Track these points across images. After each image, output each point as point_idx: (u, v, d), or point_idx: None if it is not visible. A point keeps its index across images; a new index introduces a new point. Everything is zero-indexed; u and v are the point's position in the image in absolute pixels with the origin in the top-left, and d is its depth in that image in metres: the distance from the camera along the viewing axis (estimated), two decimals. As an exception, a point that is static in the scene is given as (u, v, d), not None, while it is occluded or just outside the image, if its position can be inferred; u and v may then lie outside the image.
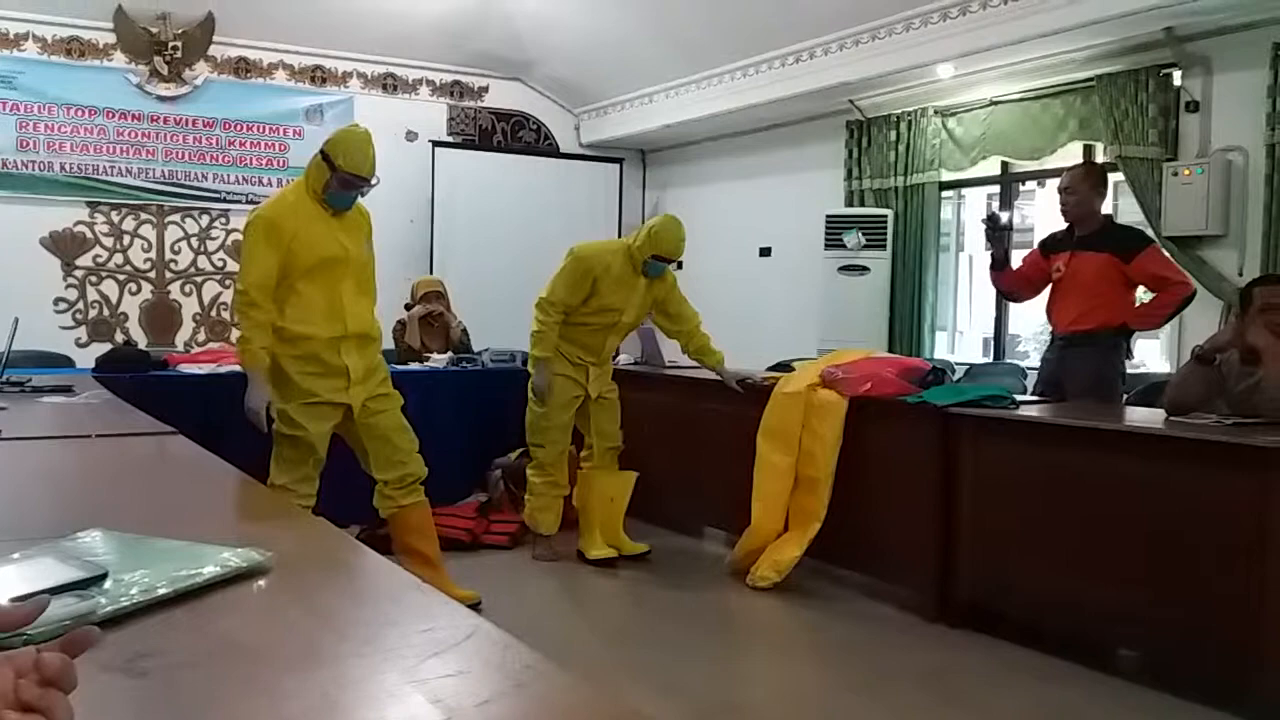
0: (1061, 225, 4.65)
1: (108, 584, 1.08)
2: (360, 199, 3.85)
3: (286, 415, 3.70)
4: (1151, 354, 6.17)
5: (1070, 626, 3.70)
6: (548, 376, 4.70)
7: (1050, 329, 4.67)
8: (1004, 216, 5.08)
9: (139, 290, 7.77)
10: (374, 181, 3.76)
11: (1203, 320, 5.09)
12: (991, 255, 4.76)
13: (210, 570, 1.17)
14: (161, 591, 1.09)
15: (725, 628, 4.15)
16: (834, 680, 3.57)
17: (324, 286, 3.71)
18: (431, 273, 7.51)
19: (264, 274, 3.61)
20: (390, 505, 3.90)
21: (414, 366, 5.63)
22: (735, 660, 3.79)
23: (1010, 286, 4.88)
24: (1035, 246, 4.80)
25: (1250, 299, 3.60)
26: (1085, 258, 4.41)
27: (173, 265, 7.85)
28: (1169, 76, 5.47)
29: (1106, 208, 4.76)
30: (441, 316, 6.04)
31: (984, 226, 4.76)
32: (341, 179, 3.67)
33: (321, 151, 3.70)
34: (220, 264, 7.96)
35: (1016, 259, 4.94)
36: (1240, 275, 5.08)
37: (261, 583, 1.19)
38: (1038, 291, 4.69)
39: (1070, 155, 6.01)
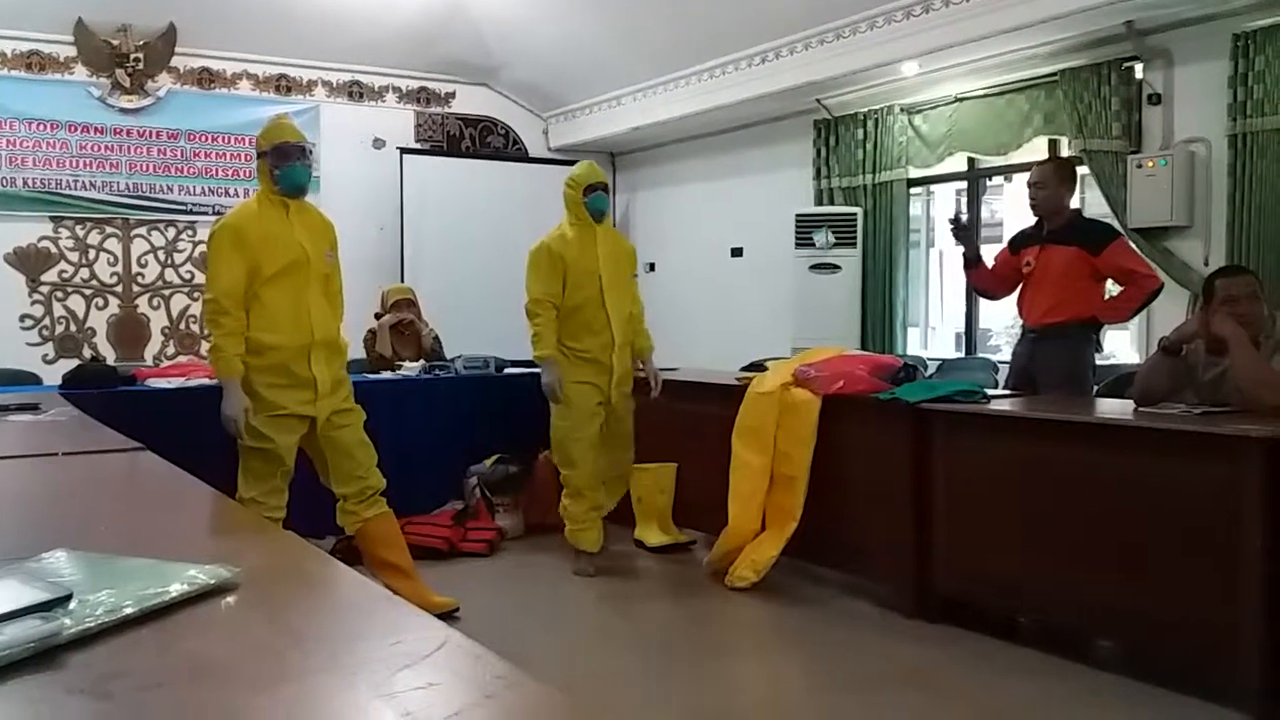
0: (1029, 220, 4.69)
1: (73, 605, 1.06)
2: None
3: (253, 428, 3.69)
4: (1121, 345, 6.23)
5: (1047, 619, 3.73)
6: (556, 374, 4.63)
7: (1021, 322, 4.71)
8: (965, 216, 5.13)
9: (106, 305, 7.69)
10: (309, 148, 3.89)
11: (1171, 311, 5.15)
12: (963, 255, 4.80)
13: (177, 588, 1.15)
14: (128, 611, 1.08)
15: (704, 629, 4.15)
16: (815, 679, 3.58)
17: (289, 293, 3.72)
18: (402, 280, 7.47)
19: (232, 281, 3.63)
20: (354, 520, 3.88)
21: (386, 375, 5.59)
22: (715, 662, 3.78)
23: (984, 285, 4.92)
24: (1004, 245, 4.84)
25: (1213, 290, 3.64)
26: (1054, 251, 4.45)
27: (140, 279, 7.78)
28: (1131, 70, 5.53)
29: (1073, 200, 4.80)
30: (412, 324, 6.01)
31: (950, 228, 4.80)
32: (275, 152, 3.76)
33: (256, 155, 3.89)
34: (188, 276, 7.89)
35: (989, 254, 4.97)
36: (1206, 265, 5.13)
37: (229, 599, 1.18)
38: (1012, 289, 4.71)
39: (1036, 150, 6.06)
